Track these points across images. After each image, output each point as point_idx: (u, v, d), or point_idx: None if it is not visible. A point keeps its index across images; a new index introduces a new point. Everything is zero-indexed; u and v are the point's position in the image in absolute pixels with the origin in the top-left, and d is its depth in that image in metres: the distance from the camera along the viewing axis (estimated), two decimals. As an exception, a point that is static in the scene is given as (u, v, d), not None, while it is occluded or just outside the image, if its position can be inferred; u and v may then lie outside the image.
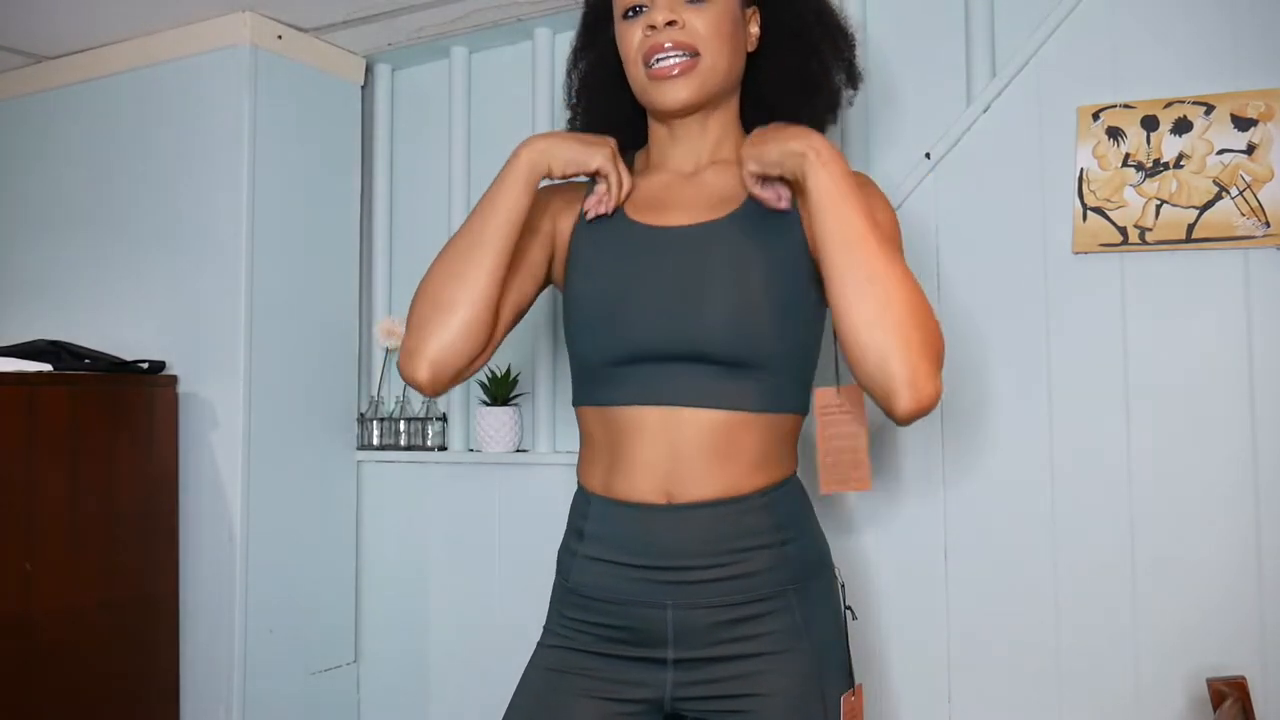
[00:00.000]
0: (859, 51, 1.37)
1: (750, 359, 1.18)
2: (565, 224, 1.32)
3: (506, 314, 1.27)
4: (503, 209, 1.21)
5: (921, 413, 1.07)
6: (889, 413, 1.09)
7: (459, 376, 1.23)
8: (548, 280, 1.35)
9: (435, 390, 1.23)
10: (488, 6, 1.92)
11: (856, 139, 1.70)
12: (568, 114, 1.46)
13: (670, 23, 1.21)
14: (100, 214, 2.05)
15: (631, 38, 1.25)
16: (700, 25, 1.22)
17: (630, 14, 1.25)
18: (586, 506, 1.26)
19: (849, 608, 1.29)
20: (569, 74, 1.44)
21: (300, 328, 1.99)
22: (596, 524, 1.24)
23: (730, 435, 1.19)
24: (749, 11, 1.30)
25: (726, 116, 1.31)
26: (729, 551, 1.18)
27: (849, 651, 1.25)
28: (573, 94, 1.44)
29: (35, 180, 2.15)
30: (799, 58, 1.32)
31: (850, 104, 1.41)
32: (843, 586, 1.28)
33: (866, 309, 1.07)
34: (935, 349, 1.09)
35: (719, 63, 1.24)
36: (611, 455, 1.23)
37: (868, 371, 1.08)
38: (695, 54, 1.22)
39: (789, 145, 1.14)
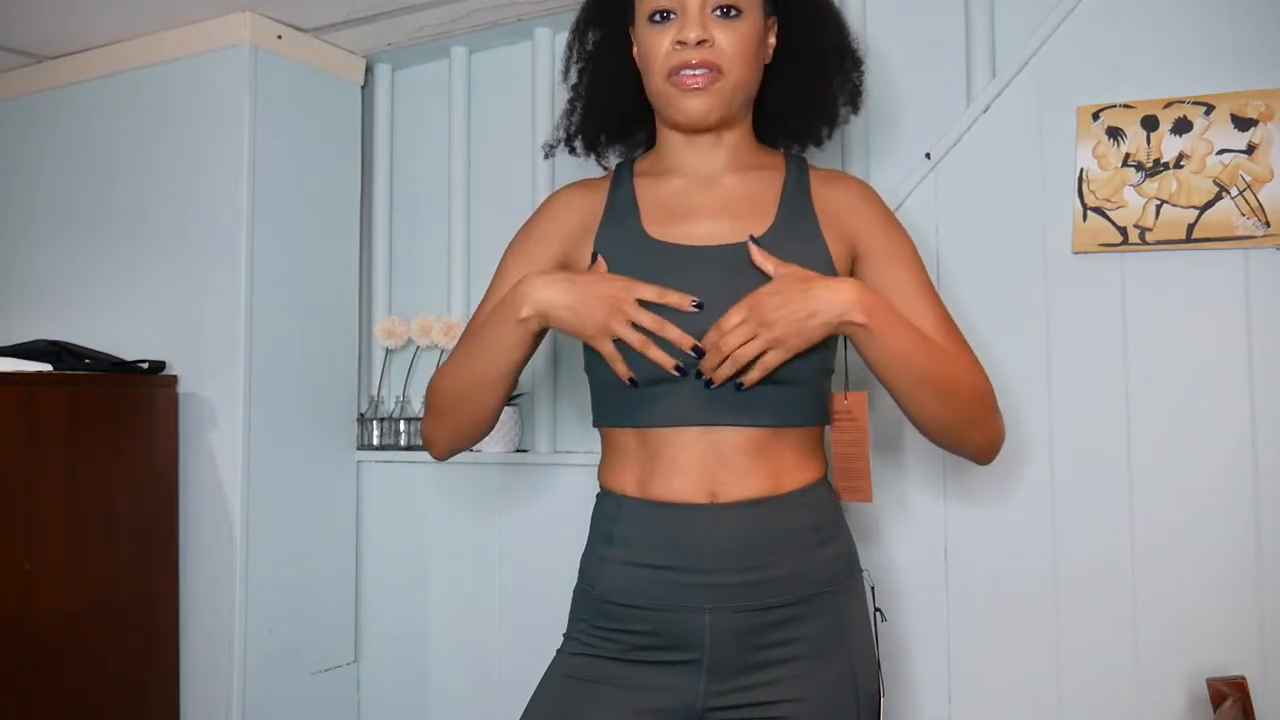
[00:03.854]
0: (865, 74, 1.40)
1: (791, 377, 1.18)
2: (581, 253, 1.29)
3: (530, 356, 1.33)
4: (505, 357, 1.22)
5: (997, 454, 1.28)
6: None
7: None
8: None
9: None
10: (488, 6, 1.92)
11: (856, 139, 1.70)
12: (567, 94, 1.43)
13: (701, 41, 1.19)
14: (100, 214, 2.05)
15: (657, 46, 1.22)
16: (728, 44, 1.20)
17: (657, 18, 1.23)
18: (617, 510, 1.23)
19: (879, 610, 1.29)
20: (570, 46, 1.41)
21: (300, 328, 1.99)
22: (630, 527, 1.21)
23: (770, 442, 1.20)
24: (769, 21, 1.29)
25: (743, 127, 1.31)
26: (769, 552, 1.18)
27: (878, 655, 1.25)
28: (576, 72, 1.40)
29: (35, 180, 2.15)
30: (810, 76, 1.32)
31: (847, 121, 1.44)
32: (873, 589, 1.28)
33: (937, 416, 1.20)
34: (992, 409, 1.24)
35: (740, 81, 1.23)
36: (647, 461, 1.21)
37: (945, 447, 1.25)
38: (720, 71, 1.21)
39: (828, 318, 1.11)
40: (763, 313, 1.11)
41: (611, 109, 1.38)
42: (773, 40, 1.30)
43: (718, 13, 1.21)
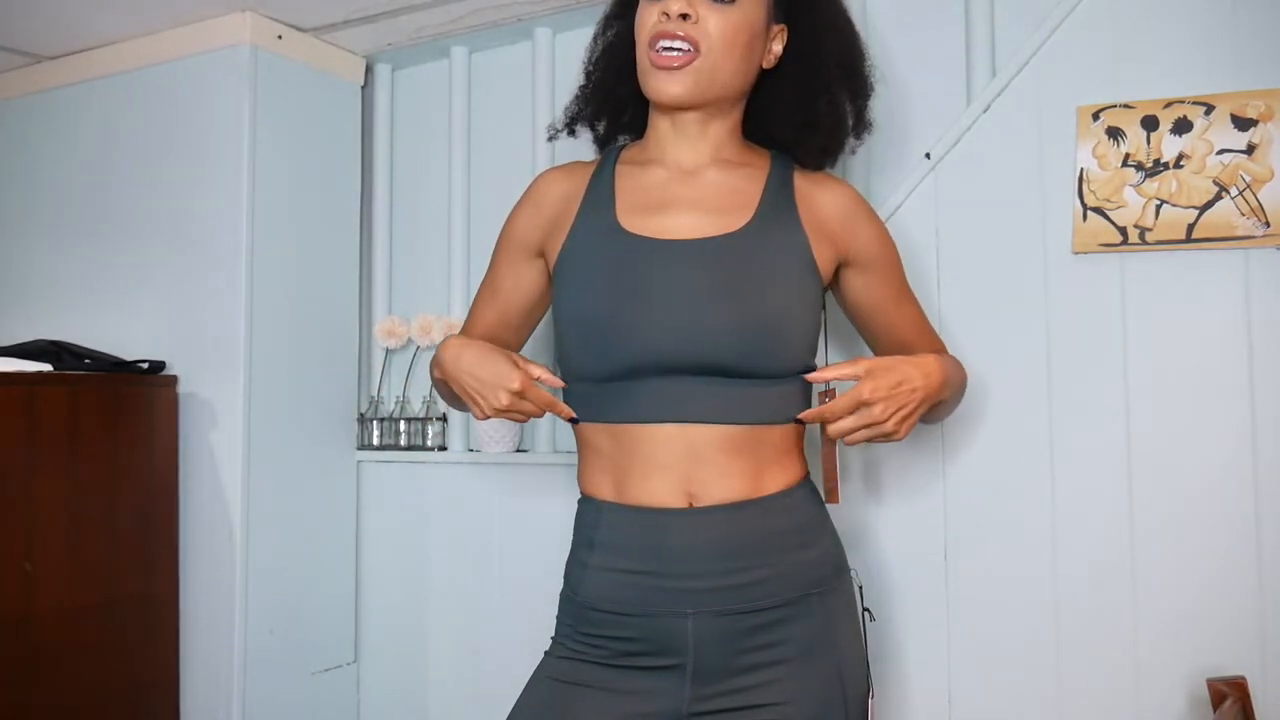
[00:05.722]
0: (872, 101, 1.38)
1: (765, 371, 1.18)
2: (555, 242, 1.30)
3: (522, 339, 1.42)
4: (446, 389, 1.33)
5: None
6: None
7: None
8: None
9: None
10: (488, 6, 1.92)
11: (856, 139, 1.70)
12: (580, 79, 1.42)
13: (684, 15, 1.19)
14: (100, 214, 2.05)
15: (647, 18, 1.22)
16: (714, 26, 1.20)
17: None
18: (597, 515, 1.23)
19: (867, 610, 1.28)
20: (595, 39, 1.41)
21: (300, 328, 1.99)
22: (610, 532, 1.21)
23: (748, 440, 1.19)
24: (776, 28, 1.28)
25: (729, 122, 1.29)
26: (751, 555, 1.18)
27: (867, 654, 1.25)
28: (590, 61, 1.41)
29: (35, 180, 2.15)
30: (809, 94, 1.30)
31: (854, 152, 1.40)
32: (860, 589, 1.28)
33: (948, 414, 1.39)
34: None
35: (720, 68, 1.21)
36: (623, 463, 1.20)
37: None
38: (697, 51, 1.20)
39: (925, 406, 1.22)
40: (874, 414, 1.17)
41: (614, 95, 1.37)
42: (777, 48, 1.29)
43: None
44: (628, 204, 1.26)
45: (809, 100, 1.30)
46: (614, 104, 1.39)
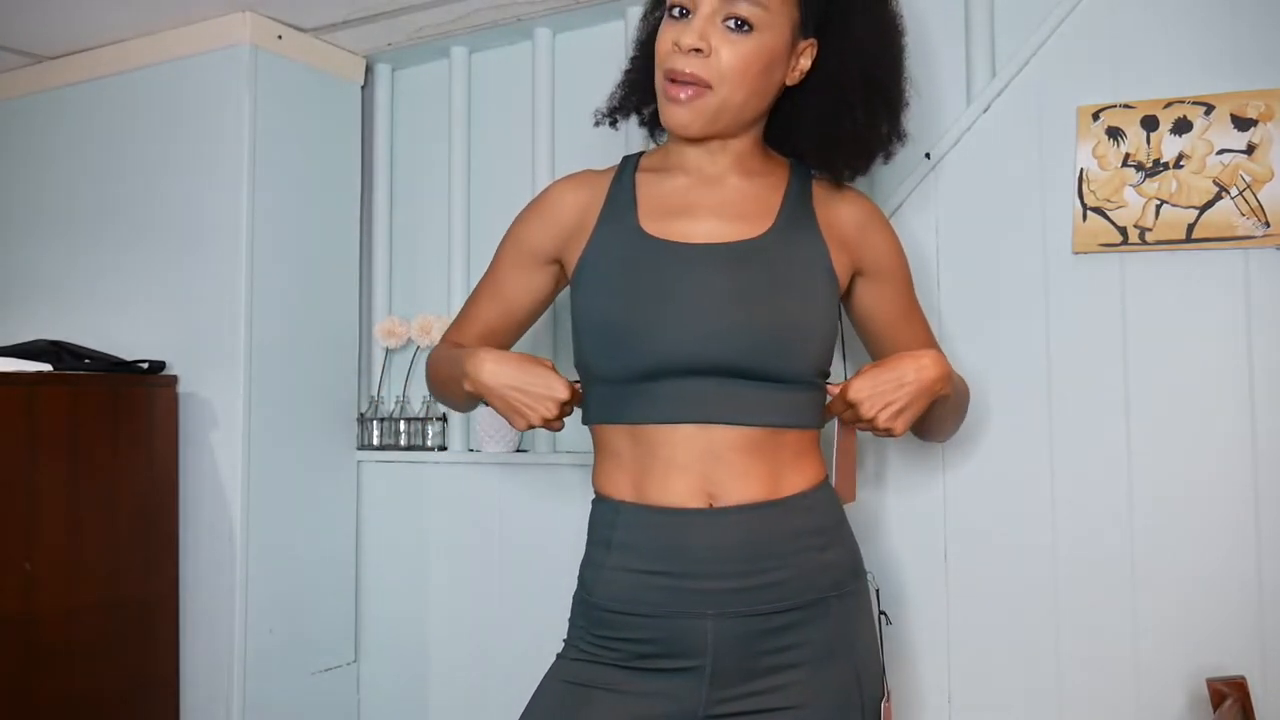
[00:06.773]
0: (905, 116, 1.33)
1: (783, 375, 1.19)
2: (574, 250, 1.29)
3: (518, 339, 1.44)
4: (460, 400, 1.37)
5: None
6: None
7: None
8: (557, 291, 1.38)
9: None
10: (488, 6, 1.92)
11: (856, 139, 1.70)
12: (626, 65, 1.39)
13: (696, 50, 1.16)
14: (100, 214, 2.05)
15: (664, 40, 1.20)
16: (727, 58, 1.17)
17: (676, 12, 1.20)
18: (614, 516, 1.22)
19: (884, 613, 1.28)
20: (642, 20, 1.38)
21: (300, 328, 1.99)
22: (628, 533, 1.20)
23: (765, 442, 1.19)
24: (804, 44, 1.24)
25: (750, 137, 1.28)
26: (770, 557, 1.17)
27: (883, 658, 1.25)
28: (636, 44, 1.38)
29: (35, 180, 2.15)
30: (831, 112, 1.27)
31: (885, 163, 1.36)
32: (877, 592, 1.28)
33: (950, 432, 1.41)
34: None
35: (733, 100, 1.19)
36: (642, 464, 1.20)
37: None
38: (708, 86, 1.17)
39: (928, 397, 1.21)
40: (860, 413, 1.19)
41: (643, 90, 1.35)
42: (805, 63, 1.25)
43: (730, 23, 1.17)
44: (649, 209, 1.26)
45: (830, 117, 1.27)
46: (639, 103, 1.37)
